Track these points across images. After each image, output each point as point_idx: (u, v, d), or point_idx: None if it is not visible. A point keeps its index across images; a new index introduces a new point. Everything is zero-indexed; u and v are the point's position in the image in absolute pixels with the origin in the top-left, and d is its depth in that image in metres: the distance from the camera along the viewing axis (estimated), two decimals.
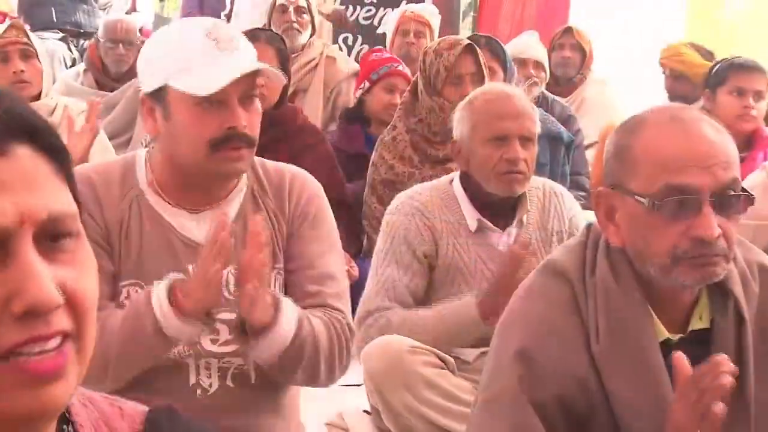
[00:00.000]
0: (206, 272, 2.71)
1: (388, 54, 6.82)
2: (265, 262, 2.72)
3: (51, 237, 1.23)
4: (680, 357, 2.23)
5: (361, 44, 8.93)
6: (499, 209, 4.22)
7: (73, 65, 8.15)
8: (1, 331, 1.18)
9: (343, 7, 9.07)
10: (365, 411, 4.46)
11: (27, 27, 7.21)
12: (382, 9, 9.02)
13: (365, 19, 9.18)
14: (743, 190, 2.36)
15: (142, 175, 3.00)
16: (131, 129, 6.33)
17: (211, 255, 2.70)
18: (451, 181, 4.31)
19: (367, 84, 6.37)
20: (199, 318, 2.76)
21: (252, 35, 5.64)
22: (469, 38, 6.24)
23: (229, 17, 8.87)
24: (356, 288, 4.35)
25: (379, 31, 8.76)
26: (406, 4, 8.39)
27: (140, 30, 7.81)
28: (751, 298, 2.47)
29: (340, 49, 8.56)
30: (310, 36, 7.34)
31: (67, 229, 1.25)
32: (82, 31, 8.86)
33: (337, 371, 3.02)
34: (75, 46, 8.83)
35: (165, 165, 2.98)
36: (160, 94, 2.89)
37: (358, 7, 9.21)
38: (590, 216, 2.55)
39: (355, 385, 4.68)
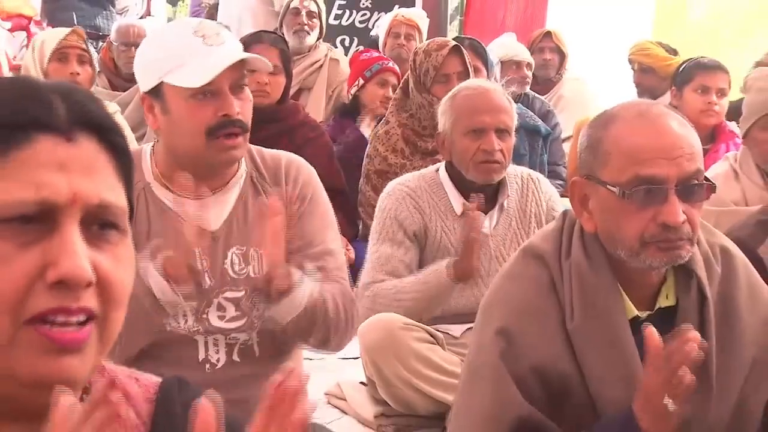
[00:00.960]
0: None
1: (377, 54, 6.85)
2: (282, 230, 2.71)
3: (99, 225, 1.25)
4: (651, 330, 2.23)
5: (357, 45, 8.94)
6: (482, 195, 4.24)
7: None
8: (33, 296, 1.20)
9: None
10: (361, 382, 4.47)
11: (49, 29, 7.22)
12: (376, 13, 9.02)
13: (360, 22, 9.19)
14: (706, 179, 2.37)
15: (147, 168, 2.99)
16: (144, 126, 6.32)
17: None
18: (437, 170, 4.35)
19: (361, 81, 6.38)
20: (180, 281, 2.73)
21: (257, 37, 5.69)
22: (454, 39, 6.26)
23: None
24: (353, 269, 4.36)
25: (372, 33, 8.76)
26: (398, 8, 8.40)
27: None
28: (713, 278, 2.48)
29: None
30: (317, 39, 7.37)
31: (115, 220, 1.27)
32: (101, 33, 8.83)
33: (346, 337, 3.03)
34: (95, 48, 8.81)
35: (168, 157, 2.97)
36: (157, 91, 2.89)
37: (354, 11, 9.22)
38: (567, 203, 2.55)
39: (352, 358, 4.70)
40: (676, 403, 2.20)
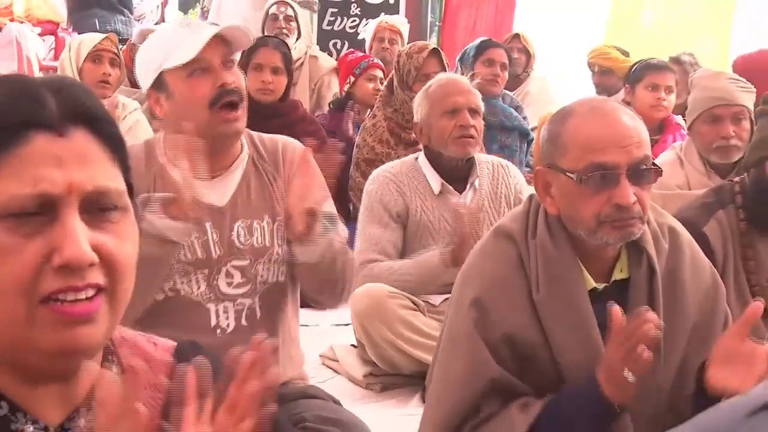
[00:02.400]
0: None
1: (361, 54, 6.86)
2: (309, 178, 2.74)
3: (99, 208, 1.24)
4: (616, 309, 2.24)
5: (348, 48, 8.94)
6: (457, 176, 4.30)
7: None
8: (43, 279, 1.21)
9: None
10: (352, 345, 4.49)
11: (75, 34, 7.19)
12: (365, 19, 9.01)
13: (351, 27, 9.19)
14: (653, 164, 2.37)
15: (160, 153, 3.00)
16: None
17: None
18: (416, 158, 4.39)
19: (352, 78, 6.40)
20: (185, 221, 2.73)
21: (262, 42, 5.76)
22: (486, 42, 6.48)
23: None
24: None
25: (360, 37, 8.77)
26: (384, 15, 8.40)
27: None
28: (661, 254, 2.48)
29: (330, 53, 8.60)
30: (297, 39, 7.40)
31: (113, 202, 1.26)
32: (120, 38, 8.81)
33: (346, 291, 3.03)
34: None
35: None
36: (159, 83, 2.89)
37: (345, 18, 9.21)
38: (533, 189, 2.56)
39: (344, 324, 4.72)
40: (635, 374, 2.21)
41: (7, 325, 1.22)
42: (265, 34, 7.20)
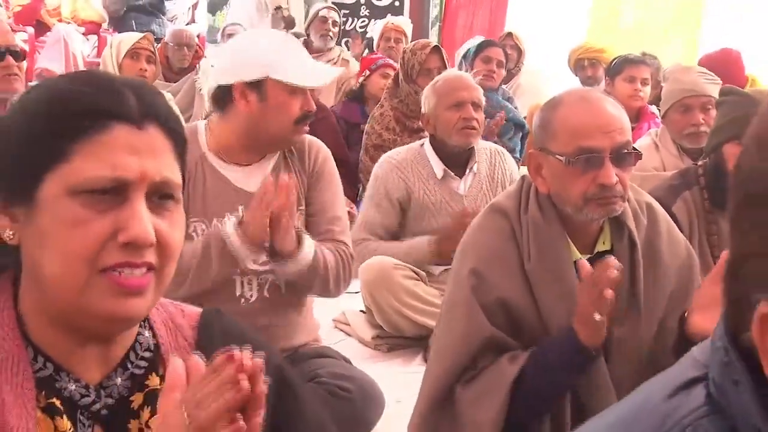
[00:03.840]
0: (255, 216, 2.72)
1: (379, 55, 6.88)
2: (293, 204, 2.72)
3: (160, 196, 1.26)
4: (582, 262, 2.24)
5: None
6: (457, 162, 4.28)
7: None
8: (107, 252, 1.22)
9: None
10: (361, 311, 4.49)
11: (115, 33, 7.16)
12: (373, 20, 9.00)
13: (360, 27, 9.17)
14: (634, 148, 2.36)
15: (203, 141, 2.99)
16: (191, 109, 6.32)
17: (259, 204, 2.71)
18: (422, 144, 4.36)
19: (367, 72, 6.39)
20: (254, 245, 2.77)
21: None
22: (486, 42, 6.66)
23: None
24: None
25: (368, 36, 8.76)
26: (390, 16, 8.39)
27: (197, 36, 7.77)
28: (640, 228, 2.47)
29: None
30: (335, 43, 7.57)
31: (172, 192, 1.28)
32: (155, 37, 8.79)
33: (341, 286, 3.03)
34: None
35: (237, 133, 2.95)
36: (258, 84, 2.88)
37: (356, 18, 9.20)
38: (524, 170, 2.54)
39: (354, 292, 4.70)
40: (602, 314, 2.19)
41: (68, 289, 1.23)
42: (311, 31, 7.50)
